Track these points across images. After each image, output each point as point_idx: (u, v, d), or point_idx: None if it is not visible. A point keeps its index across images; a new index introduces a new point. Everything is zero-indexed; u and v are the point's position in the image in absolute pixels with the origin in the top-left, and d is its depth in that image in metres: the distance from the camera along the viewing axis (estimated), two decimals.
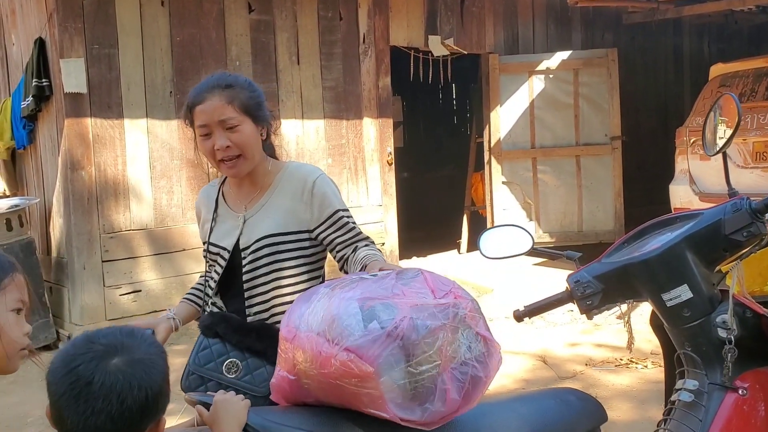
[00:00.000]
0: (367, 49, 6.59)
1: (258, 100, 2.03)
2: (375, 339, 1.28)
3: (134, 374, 1.15)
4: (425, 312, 1.33)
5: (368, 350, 1.28)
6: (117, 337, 1.21)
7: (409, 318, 1.30)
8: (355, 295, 1.36)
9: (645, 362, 4.47)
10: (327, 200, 2.04)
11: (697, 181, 6.16)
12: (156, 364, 1.20)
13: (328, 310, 1.36)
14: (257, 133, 2.01)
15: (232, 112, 1.94)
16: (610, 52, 7.62)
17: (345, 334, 1.30)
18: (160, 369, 1.20)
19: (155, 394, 1.17)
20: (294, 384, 1.41)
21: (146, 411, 1.17)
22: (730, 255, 1.78)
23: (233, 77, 2.04)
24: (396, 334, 1.29)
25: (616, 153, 7.58)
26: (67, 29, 5.08)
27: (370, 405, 1.31)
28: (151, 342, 1.23)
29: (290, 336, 1.41)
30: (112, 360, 1.16)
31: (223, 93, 1.95)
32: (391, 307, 1.32)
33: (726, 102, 1.89)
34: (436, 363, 1.31)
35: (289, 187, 2.04)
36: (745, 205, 1.73)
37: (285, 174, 2.07)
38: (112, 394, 1.13)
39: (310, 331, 1.37)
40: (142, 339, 1.23)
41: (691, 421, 1.76)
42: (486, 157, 7.81)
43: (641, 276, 1.81)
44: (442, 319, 1.33)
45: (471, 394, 1.35)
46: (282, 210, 2.02)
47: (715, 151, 1.91)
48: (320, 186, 2.04)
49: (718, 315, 1.76)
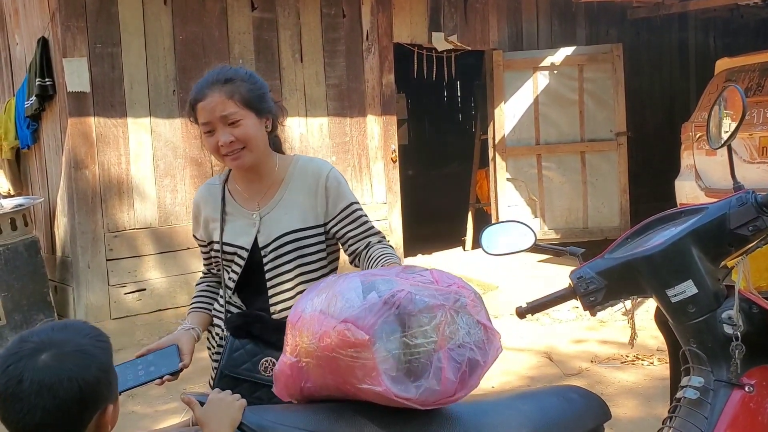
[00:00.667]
0: (371, 47, 6.57)
1: (260, 92, 1.99)
2: (371, 307, 1.29)
3: (63, 367, 1.16)
4: (425, 291, 1.33)
5: (364, 319, 1.28)
6: (47, 334, 1.21)
7: (407, 291, 1.31)
8: (359, 275, 1.39)
9: (651, 359, 4.45)
10: (341, 194, 2.03)
11: (703, 177, 6.12)
12: (89, 354, 1.20)
13: (332, 290, 1.37)
14: (261, 126, 1.98)
15: (233, 107, 1.91)
16: (615, 47, 7.57)
17: (345, 307, 1.31)
18: (95, 359, 1.20)
19: (90, 384, 1.17)
20: (294, 367, 1.39)
21: (84, 402, 1.17)
22: (736, 250, 1.76)
23: (233, 71, 2.00)
24: (393, 302, 1.29)
25: (621, 149, 7.54)
26: (69, 28, 5.07)
27: (364, 379, 1.29)
28: (86, 334, 1.23)
29: (295, 319, 1.41)
30: (40, 356, 1.16)
31: (223, 88, 1.92)
32: (391, 281, 1.34)
33: (731, 94, 1.87)
34: (432, 339, 1.30)
35: (303, 182, 2.03)
36: (750, 198, 1.71)
37: (296, 168, 2.05)
38: (42, 390, 1.14)
39: (314, 311, 1.37)
40: (75, 331, 1.23)
41: (697, 419, 1.74)
42: (490, 154, 7.77)
43: (645, 272, 1.79)
44: (441, 300, 1.33)
45: (467, 379, 1.33)
46: (298, 206, 2.00)
47: (719, 145, 1.89)
48: (333, 179, 2.03)
49: (724, 311, 1.73)
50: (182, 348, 1.95)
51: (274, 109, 2.03)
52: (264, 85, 2.02)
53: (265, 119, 1.99)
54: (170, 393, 4.47)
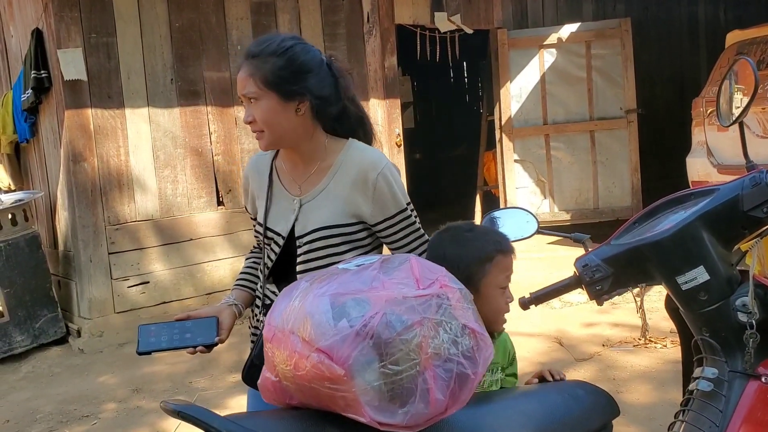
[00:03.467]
0: (372, 29, 6.45)
1: (291, 70, 1.78)
2: (344, 338, 1.19)
3: None
4: (402, 306, 1.22)
5: (338, 351, 1.19)
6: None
7: (381, 314, 1.20)
8: (329, 290, 1.27)
9: (664, 341, 4.35)
10: (390, 198, 1.85)
11: (714, 153, 5.98)
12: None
13: (302, 307, 1.27)
14: (286, 109, 1.79)
15: (252, 86, 1.78)
16: (623, 22, 7.41)
17: (316, 333, 1.22)
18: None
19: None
20: (276, 385, 1.33)
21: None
22: (750, 233, 1.66)
23: (264, 44, 1.82)
24: (365, 332, 1.19)
25: (631, 126, 7.39)
26: (63, 19, 4.98)
27: (346, 408, 1.22)
28: None
29: (269, 335, 1.33)
30: None
31: (248, 64, 1.79)
32: (363, 303, 1.23)
33: (742, 67, 1.76)
34: (414, 361, 1.20)
35: (350, 174, 1.84)
36: (764, 178, 1.61)
37: (347, 157, 1.87)
38: None
39: (285, 329, 1.28)
40: None
41: (711, 412, 1.65)
42: (497, 136, 7.65)
43: (654, 258, 1.69)
44: (421, 313, 1.22)
45: (458, 394, 1.24)
46: (341, 200, 1.84)
47: (731, 122, 1.78)
48: (384, 180, 1.83)
49: (738, 297, 1.64)
50: (222, 322, 1.87)
51: (314, 90, 1.81)
52: (302, 61, 1.80)
53: (296, 102, 1.80)
54: (176, 387, 4.43)
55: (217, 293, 5.62)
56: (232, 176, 5.73)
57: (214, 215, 5.65)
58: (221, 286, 5.64)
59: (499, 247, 1.67)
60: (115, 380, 4.61)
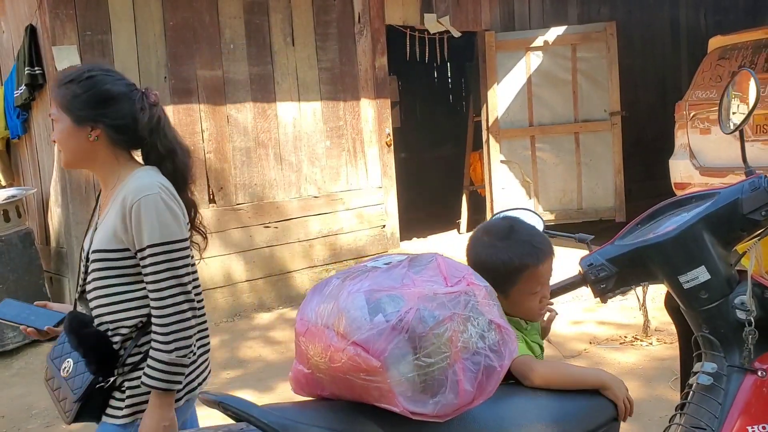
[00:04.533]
0: (363, 29, 6.51)
1: (85, 97, 1.88)
2: (380, 332, 1.25)
3: None
4: (434, 302, 1.29)
5: (374, 344, 1.25)
6: None
7: (415, 309, 1.27)
8: (363, 287, 1.33)
9: (650, 339, 4.47)
10: (140, 231, 1.82)
11: (697, 156, 6.12)
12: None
13: (336, 303, 1.34)
14: (76, 132, 1.89)
15: (53, 108, 1.94)
16: (609, 25, 7.54)
17: (352, 328, 1.28)
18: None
19: None
20: (309, 377, 1.39)
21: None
22: (748, 235, 1.76)
23: (71, 72, 1.96)
24: (401, 327, 1.26)
25: (615, 129, 7.53)
26: (58, 16, 4.99)
27: (380, 399, 1.29)
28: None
29: (303, 330, 1.39)
30: None
31: (54, 87, 1.94)
32: (397, 299, 1.29)
33: (742, 78, 1.85)
34: (445, 354, 1.27)
35: (118, 200, 1.86)
36: (763, 183, 1.71)
37: (125, 185, 1.89)
38: None
39: (320, 324, 1.35)
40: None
41: (710, 404, 1.74)
42: (484, 137, 7.75)
43: (657, 258, 1.78)
44: (451, 309, 1.30)
45: (485, 385, 1.32)
46: (110, 225, 1.87)
47: (731, 130, 1.87)
48: (137, 210, 1.82)
49: (737, 296, 1.74)
50: (65, 321, 1.98)
51: (110, 118, 1.89)
52: (105, 91, 1.89)
53: (88, 128, 1.88)
54: None
55: (208, 290, 5.65)
56: (224, 174, 5.77)
57: (205, 213, 5.67)
58: (211, 284, 5.67)
59: (529, 260, 1.66)
60: None
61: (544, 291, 1.72)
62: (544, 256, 1.69)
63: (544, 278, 1.70)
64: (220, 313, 5.70)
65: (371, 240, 6.58)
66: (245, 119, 5.87)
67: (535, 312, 1.73)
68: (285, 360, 4.73)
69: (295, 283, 6.12)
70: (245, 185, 5.88)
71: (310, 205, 6.22)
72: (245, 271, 5.85)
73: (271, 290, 5.98)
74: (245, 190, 5.88)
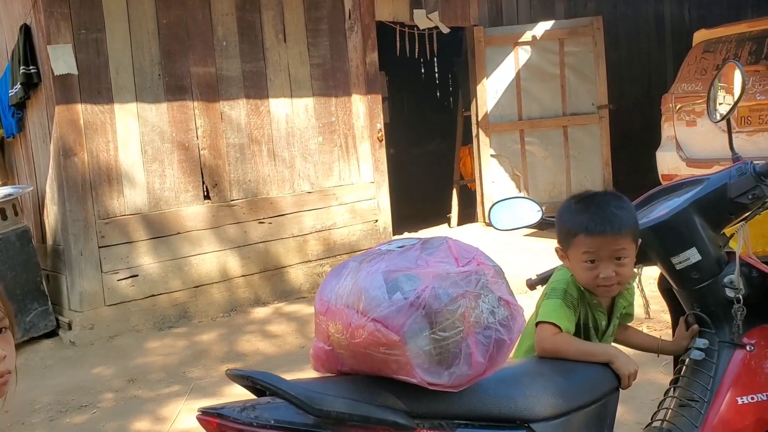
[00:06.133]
0: (353, 25, 6.58)
1: None
2: (399, 309, 1.34)
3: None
4: (447, 281, 1.38)
5: (393, 320, 1.34)
6: None
7: (431, 287, 1.36)
8: (380, 268, 1.42)
9: (640, 327, 4.57)
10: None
11: (683, 147, 6.24)
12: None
13: (356, 283, 1.42)
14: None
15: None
16: (595, 20, 7.65)
17: (372, 305, 1.36)
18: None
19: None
20: (329, 353, 1.47)
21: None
22: (736, 217, 1.86)
23: None
24: (418, 303, 1.35)
25: (603, 122, 7.64)
26: (53, 14, 5.03)
27: (398, 371, 1.37)
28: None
29: (323, 309, 1.47)
30: None
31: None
32: (413, 278, 1.38)
33: (728, 70, 1.95)
34: (459, 329, 1.37)
35: None
36: (749, 168, 1.80)
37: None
38: None
39: (340, 304, 1.43)
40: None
41: (703, 378, 1.84)
42: (474, 131, 7.85)
43: (651, 241, 1.88)
44: (464, 287, 1.39)
45: (496, 357, 1.41)
46: None
47: (718, 119, 1.97)
48: None
49: (726, 275, 1.84)
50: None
51: None
52: None
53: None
54: (171, 377, 4.52)
55: (204, 286, 5.72)
56: (218, 170, 5.83)
57: (200, 209, 5.74)
58: (208, 279, 5.74)
59: (582, 229, 1.73)
60: (110, 371, 4.70)
61: (601, 267, 1.74)
62: (596, 229, 1.73)
63: (595, 252, 1.73)
64: (217, 308, 5.76)
65: (364, 235, 6.67)
66: (238, 116, 5.94)
67: (589, 282, 1.76)
68: (283, 353, 4.80)
69: (289, 278, 6.19)
70: (239, 181, 5.94)
71: (304, 200, 6.30)
72: (241, 267, 5.92)
73: (266, 285, 6.05)
74: (239, 186, 5.95)
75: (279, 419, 1.33)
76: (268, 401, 1.37)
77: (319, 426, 1.33)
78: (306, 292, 6.19)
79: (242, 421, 1.32)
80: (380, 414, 1.35)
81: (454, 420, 1.42)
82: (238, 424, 1.32)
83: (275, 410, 1.35)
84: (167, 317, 5.53)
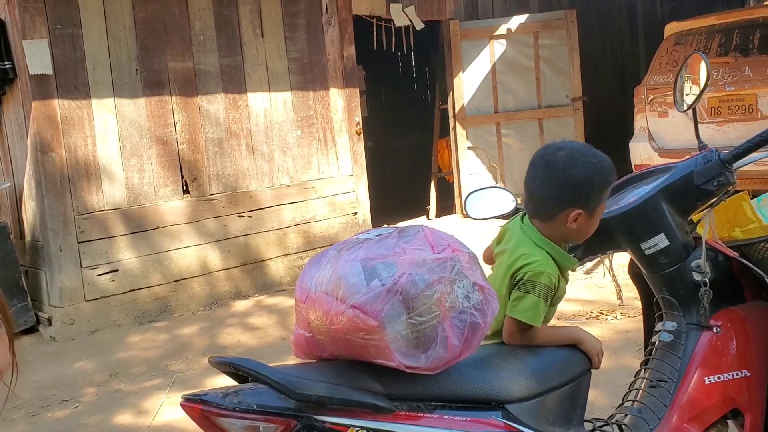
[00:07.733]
0: (330, 19, 6.60)
1: None
2: (377, 295, 1.39)
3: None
4: (424, 267, 1.44)
5: (371, 306, 1.39)
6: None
7: (407, 274, 1.41)
8: (359, 256, 1.47)
9: (614, 314, 4.67)
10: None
11: (656, 138, 6.36)
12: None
13: (335, 271, 1.47)
14: None
15: None
16: (569, 13, 7.74)
17: (351, 292, 1.41)
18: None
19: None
20: (310, 340, 1.52)
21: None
22: (702, 204, 1.93)
23: None
24: (396, 289, 1.40)
25: (577, 114, 7.75)
26: (27, 9, 5.00)
27: (377, 355, 1.42)
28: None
29: (303, 297, 1.52)
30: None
31: None
32: (391, 265, 1.44)
33: (693, 61, 2.02)
34: (435, 313, 1.42)
35: None
36: (714, 156, 1.88)
37: None
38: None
39: (319, 291, 1.48)
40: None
41: (672, 359, 1.91)
42: (451, 124, 7.91)
43: (620, 228, 1.95)
44: (439, 273, 1.44)
45: (471, 340, 1.47)
46: None
47: (684, 108, 2.04)
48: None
49: (693, 260, 1.91)
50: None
51: None
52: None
53: None
54: (152, 370, 4.54)
55: (185, 280, 5.73)
56: (197, 165, 5.84)
57: (180, 203, 5.75)
58: (188, 274, 5.75)
59: (613, 176, 1.82)
60: (91, 366, 4.70)
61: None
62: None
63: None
64: (198, 301, 5.78)
65: (343, 227, 6.71)
66: (217, 110, 5.94)
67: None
68: (264, 345, 4.83)
69: (270, 271, 6.22)
70: (218, 175, 5.96)
71: (283, 194, 6.32)
72: (221, 260, 5.93)
73: (246, 278, 6.07)
74: (219, 180, 5.96)
75: (261, 404, 1.37)
76: (250, 387, 1.42)
77: (301, 410, 1.38)
78: (286, 285, 6.22)
79: (225, 407, 1.36)
80: (360, 397, 1.40)
81: (432, 402, 1.48)
82: (221, 409, 1.36)
83: (257, 395, 1.39)
84: (148, 311, 5.54)
